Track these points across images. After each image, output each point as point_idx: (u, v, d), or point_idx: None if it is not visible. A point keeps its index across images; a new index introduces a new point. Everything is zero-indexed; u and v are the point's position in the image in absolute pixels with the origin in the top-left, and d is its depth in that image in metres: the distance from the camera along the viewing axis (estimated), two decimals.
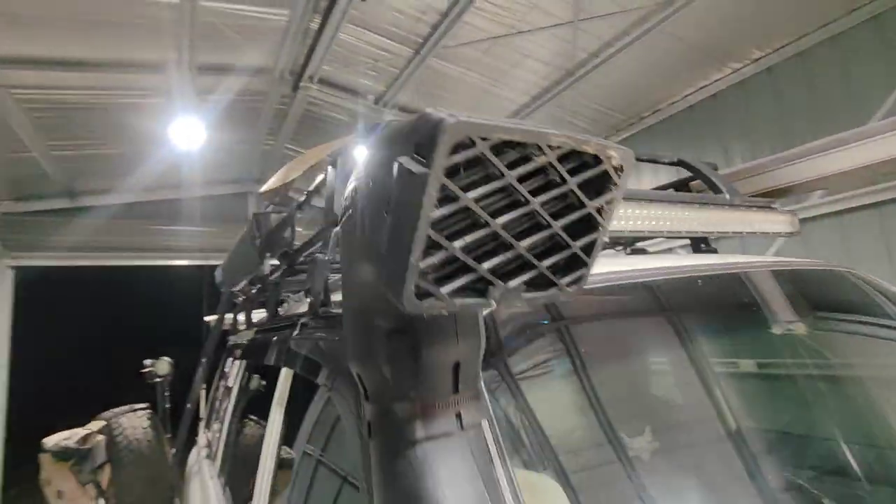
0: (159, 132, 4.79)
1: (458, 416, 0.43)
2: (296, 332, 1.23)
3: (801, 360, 1.28)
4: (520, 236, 0.36)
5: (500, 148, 0.31)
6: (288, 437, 1.25)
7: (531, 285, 0.40)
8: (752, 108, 4.36)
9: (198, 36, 3.61)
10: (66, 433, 2.90)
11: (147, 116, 4.58)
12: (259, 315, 2.19)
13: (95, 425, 3.01)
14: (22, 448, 4.92)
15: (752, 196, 1.66)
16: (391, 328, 0.42)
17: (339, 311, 0.90)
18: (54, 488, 2.79)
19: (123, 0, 3.19)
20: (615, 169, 0.37)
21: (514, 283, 0.37)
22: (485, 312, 0.38)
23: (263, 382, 1.92)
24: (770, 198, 1.67)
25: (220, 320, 2.85)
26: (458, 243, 0.32)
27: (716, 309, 1.13)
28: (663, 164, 1.62)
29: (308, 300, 1.15)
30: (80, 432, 2.93)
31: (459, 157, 0.29)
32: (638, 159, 1.52)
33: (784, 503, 0.88)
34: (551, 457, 0.68)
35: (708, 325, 1.09)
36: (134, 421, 3.09)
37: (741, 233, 1.46)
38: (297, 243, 1.49)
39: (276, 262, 1.57)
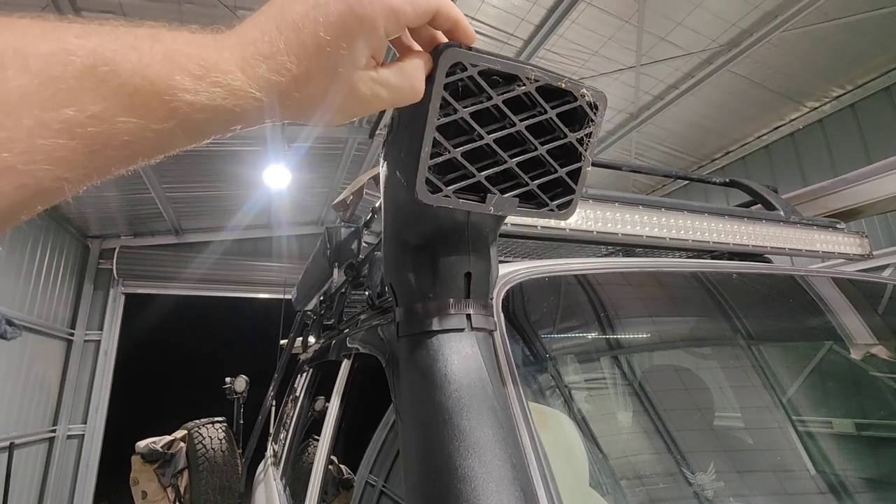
0: (254, 177, 5.42)
1: (468, 317, 0.53)
2: (354, 327, 1.37)
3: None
4: (511, 157, 0.47)
5: (490, 78, 0.43)
6: (345, 422, 1.36)
7: (525, 203, 0.50)
8: (834, 147, 4.15)
9: None
10: (155, 438, 3.21)
11: (244, 163, 5.21)
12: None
13: (180, 433, 3.31)
14: (118, 457, 5.42)
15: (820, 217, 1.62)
16: (417, 244, 0.54)
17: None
18: (140, 488, 3.07)
19: None
20: (590, 105, 0.47)
21: (508, 194, 0.48)
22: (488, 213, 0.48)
23: (324, 392, 2.08)
24: (838, 219, 1.62)
25: (292, 340, 3.09)
26: (458, 150, 0.43)
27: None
28: (715, 184, 1.64)
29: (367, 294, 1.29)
30: (166, 438, 3.23)
31: (455, 78, 0.41)
32: (687, 178, 1.56)
33: None
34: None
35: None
36: (212, 432, 3.35)
37: (800, 250, 1.43)
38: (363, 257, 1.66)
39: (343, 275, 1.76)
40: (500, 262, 1.17)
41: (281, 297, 6.49)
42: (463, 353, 0.51)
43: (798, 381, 1.13)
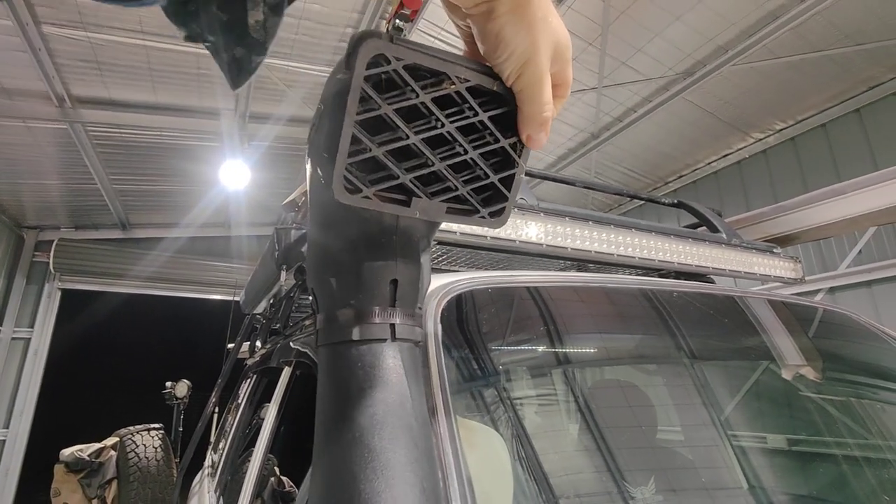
0: (210, 175, 5.22)
1: (392, 327, 0.50)
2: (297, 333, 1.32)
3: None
4: (441, 159, 0.45)
5: (418, 73, 0.41)
6: (283, 432, 1.30)
7: (456, 210, 0.48)
8: (776, 177, 4.40)
9: (252, 87, 4.03)
10: (83, 445, 2.99)
11: (199, 159, 5.01)
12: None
13: (110, 441, 3.09)
14: (43, 466, 5.03)
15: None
16: (341, 248, 0.51)
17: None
18: (61, 500, 2.84)
19: (192, 53, 3.63)
20: None
21: (437, 199, 0.46)
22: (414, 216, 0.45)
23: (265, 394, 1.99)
24: (776, 244, 1.70)
25: (239, 344, 2.95)
26: (381, 148, 0.41)
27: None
28: (664, 204, 1.69)
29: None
30: (95, 446, 3.01)
31: (378, 70, 0.38)
32: (638, 197, 1.60)
33: None
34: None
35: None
36: (147, 440, 3.16)
37: (739, 272, 1.48)
38: None
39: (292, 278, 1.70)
40: (447, 271, 1.14)
41: (232, 298, 6.25)
42: (383, 366, 0.48)
43: (735, 399, 1.16)
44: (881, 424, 1.21)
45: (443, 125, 0.42)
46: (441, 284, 0.77)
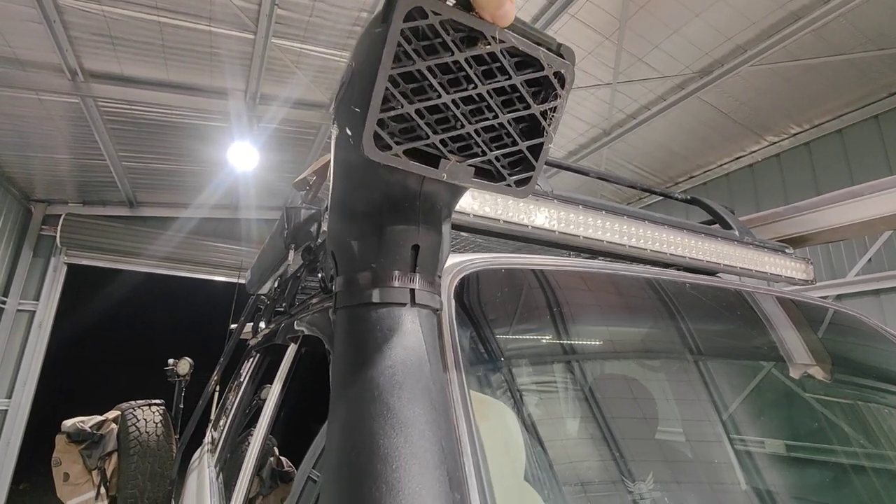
0: (218, 156, 5.22)
1: (412, 291, 0.50)
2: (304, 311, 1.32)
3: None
4: (471, 122, 0.44)
5: (454, 29, 0.39)
6: (286, 411, 1.30)
7: (482, 175, 0.47)
8: (788, 182, 4.36)
9: (263, 68, 4.01)
10: (84, 417, 3.01)
11: (209, 139, 5.00)
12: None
13: (112, 414, 3.12)
14: (44, 436, 5.09)
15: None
16: (364, 211, 0.50)
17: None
18: (62, 470, 2.87)
19: (205, 32, 3.62)
20: (556, 76, 0.45)
21: (464, 162, 0.45)
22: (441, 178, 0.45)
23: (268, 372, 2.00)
24: (788, 244, 1.68)
25: (242, 324, 2.96)
26: (412, 105, 0.40)
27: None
28: (677, 199, 1.67)
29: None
30: (97, 418, 3.04)
31: (414, 24, 0.37)
32: (652, 192, 1.58)
33: None
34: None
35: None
36: (147, 414, 3.18)
37: (750, 270, 1.47)
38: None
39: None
40: (456, 252, 1.13)
41: (236, 280, 6.28)
42: (402, 329, 0.48)
43: (738, 398, 1.15)
44: (888, 428, 1.20)
45: (475, 86, 0.42)
46: (455, 262, 0.76)
